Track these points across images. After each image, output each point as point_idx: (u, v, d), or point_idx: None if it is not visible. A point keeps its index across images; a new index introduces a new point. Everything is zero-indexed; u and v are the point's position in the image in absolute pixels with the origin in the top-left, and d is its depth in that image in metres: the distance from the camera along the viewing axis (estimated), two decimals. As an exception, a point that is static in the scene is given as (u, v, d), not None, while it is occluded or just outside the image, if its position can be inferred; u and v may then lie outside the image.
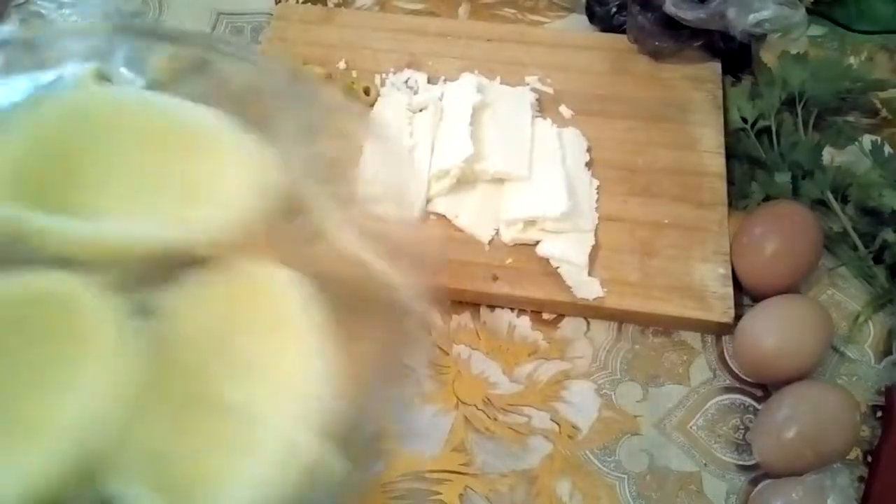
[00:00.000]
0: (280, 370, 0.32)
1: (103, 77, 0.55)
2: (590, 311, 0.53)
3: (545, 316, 0.54)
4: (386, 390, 0.33)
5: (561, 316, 0.54)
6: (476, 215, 0.56)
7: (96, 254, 0.32)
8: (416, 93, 0.62)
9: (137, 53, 0.62)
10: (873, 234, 0.54)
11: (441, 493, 0.47)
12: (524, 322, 0.54)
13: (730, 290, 0.52)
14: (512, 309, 0.54)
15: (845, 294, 0.55)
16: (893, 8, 0.68)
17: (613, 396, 0.51)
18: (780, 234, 0.52)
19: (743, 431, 0.49)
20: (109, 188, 0.34)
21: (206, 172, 0.35)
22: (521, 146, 0.58)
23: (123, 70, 0.60)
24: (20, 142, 0.33)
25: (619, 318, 0.53)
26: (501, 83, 0.63)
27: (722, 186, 0.57)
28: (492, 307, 0.54)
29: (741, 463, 0.48)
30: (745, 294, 0.54)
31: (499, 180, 0.57)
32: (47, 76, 0.54)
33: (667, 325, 0.53)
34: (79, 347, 0.30)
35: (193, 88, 0.71)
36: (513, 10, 0.71)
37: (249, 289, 0.34)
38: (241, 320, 0.33)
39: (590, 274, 0.53)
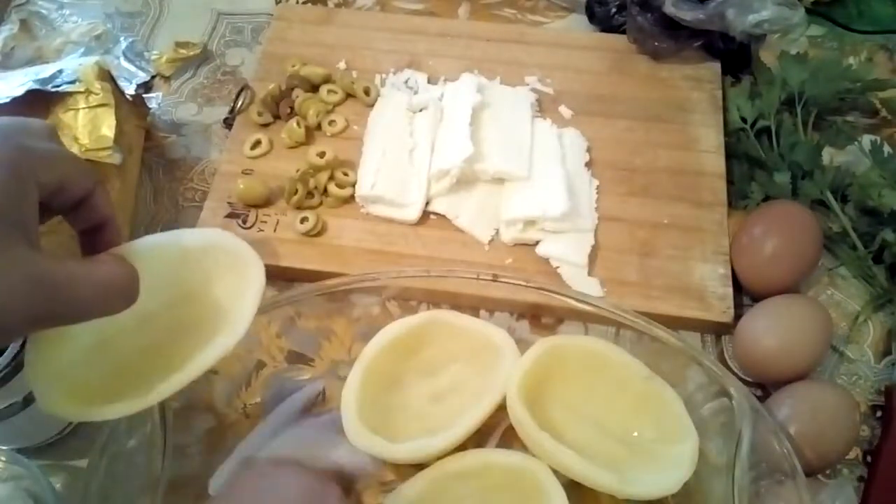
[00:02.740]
0: None
1: (104, 71, 0.55)
2: (589, 318, 0.52)
3: (544, 320, 0.54)
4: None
5: (560, 320, 0.54)
6: (476, 215, 0.56)
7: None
8: (416, 93, 0.62)
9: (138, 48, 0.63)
10: (873, 233, 0.54)
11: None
12: (523, 326, 0.53)
13: (729, 290, 0.52)
14: (511, 313, 0.54)
15: (845, 294, 0.55)
16: (893, 8, 0.68)
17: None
18: (780, 233, 0.52)
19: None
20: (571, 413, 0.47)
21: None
22: (520, 146, 0.58)
23: (124, 63, 0.61)
24: (528, 363, 0.46)
25: (617, 323, 0.53)
26: (501, 83, 0.63)
27: (721, 186, 0.57)
28: (491, 311, 0.54)
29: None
30: (745, 294, 0.54)
31: (499, 180, 0.57)
32: (48, 70, 0.54)
33: (666, 325, 0.53)
34: None
35: (194, 82, 0.72)
36: (513, 11, 0.71)
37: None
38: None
39: (589, 274, 0.53)
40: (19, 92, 0.52)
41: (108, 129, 0.52)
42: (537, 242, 0.55)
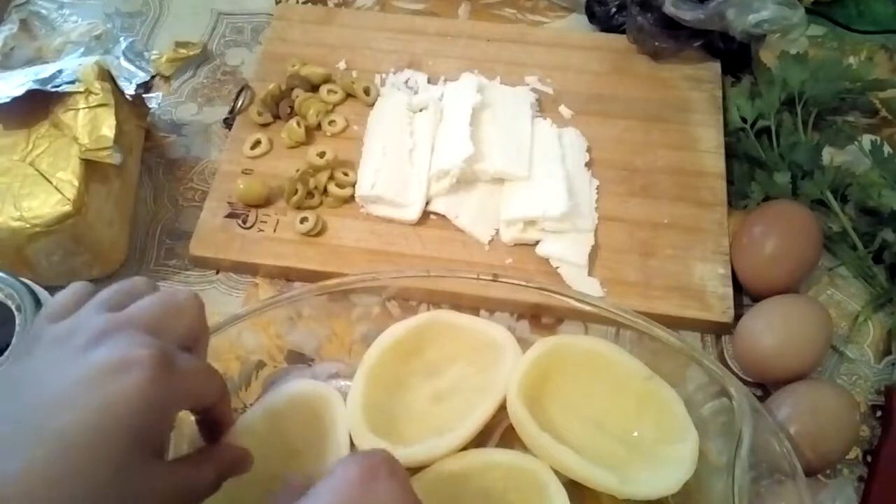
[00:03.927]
0: None
1: (104, 71, 0.55)
2: (589, 318, 0.52)
3: (544, 320, 0.54)
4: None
5: (560, 320, 0.54)
6: (476, 215, 0.56)
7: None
8: (416, 93, 0.62)
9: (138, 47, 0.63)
10: (873, 233, 0.54)
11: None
12: (523, 326, 0.53)
13: (729, 290, 0.52)
14: (511, 313, 0.54)
15: (845, 294, 0.55)
16: (893, 8, 0.68)
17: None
18: (780, 233, 0.52)
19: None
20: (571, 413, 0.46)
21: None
22: (520, 146, 0.58)
23: (124, 63, 0.61)
24: (528, 363, 0.46)
25: (617, 323, 0.53)
26: (501, 83, 0.63)
27: (721, 186, 0.57)
28: (491, 311, 0.54)
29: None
30: (745, 294, 0.54)
31: (499, 180, 0.57)
32: (48, 70, 0.54)
33: (666, 325, 0.53)
34: None
35: (194, 82, 0.71)
36: (513, 11, 0.71)
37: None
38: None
39: (589, 274, 0.53)
40: (19, 92, 0.52)
41: (108, 129, 0.52)
42: (537, 242, 0.55)
